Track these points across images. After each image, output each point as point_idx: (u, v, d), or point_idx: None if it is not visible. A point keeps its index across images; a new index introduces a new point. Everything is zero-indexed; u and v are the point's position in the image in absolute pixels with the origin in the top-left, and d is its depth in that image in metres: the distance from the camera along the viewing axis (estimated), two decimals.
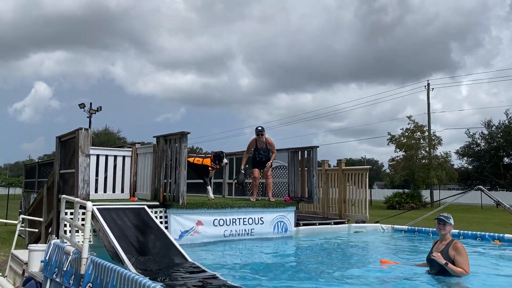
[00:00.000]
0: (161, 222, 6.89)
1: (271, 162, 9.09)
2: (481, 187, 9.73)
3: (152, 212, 6.69)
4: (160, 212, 7.15)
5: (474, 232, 8.56)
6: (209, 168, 8.81)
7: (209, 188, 8.73)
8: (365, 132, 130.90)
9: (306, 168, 9.27)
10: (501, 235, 8.24)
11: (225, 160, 8.71)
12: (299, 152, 9.45)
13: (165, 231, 6.22)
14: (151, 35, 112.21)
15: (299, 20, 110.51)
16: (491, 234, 8.36)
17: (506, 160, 51.56)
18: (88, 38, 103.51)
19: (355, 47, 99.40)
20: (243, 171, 9.46)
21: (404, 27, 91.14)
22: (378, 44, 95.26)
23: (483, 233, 8.48)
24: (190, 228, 7.30)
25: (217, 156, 8.77)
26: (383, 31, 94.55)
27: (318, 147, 9.32)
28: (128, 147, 8.43)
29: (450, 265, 4.78)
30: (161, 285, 3.36)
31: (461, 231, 8.70)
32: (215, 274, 4.67)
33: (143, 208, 6.57)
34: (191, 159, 8.79)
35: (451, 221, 5.20)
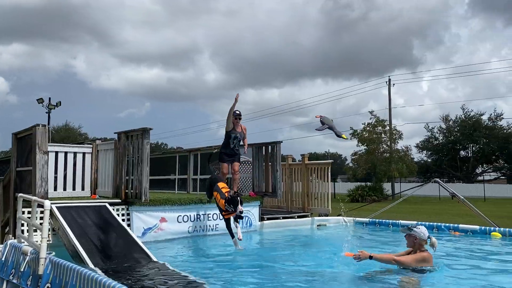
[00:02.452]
0: (123, 220, 6.80)
1: (246, 147, 9.02)
2: (437, 179, 10.12)
3: (114, 209, 6.58)
4: (122, 209, 7.05)
5: (431, 223, 8.91)
6: (223, 212, 7.08)
7: (238, 229, 6.85)
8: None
9: (270, 163, 9.35)
10: (456, 225, 8.61)
11: (239, 208, 6.62)
12: (263, 147, 9.52)
13: (128, 229, 6.14)
14: (114, 28, 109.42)
15: (266, 15, 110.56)
16: (447, 224, 8.72)
17: (462, 153, 53.67)
18: (48, 31, 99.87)
19: (321, 43, 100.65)
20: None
21: (368, 23, 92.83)
22: (343, 40, 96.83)
23: (439, 223, 8.84)
24: (153, 225, 7.23)
25: (232, 201, 6.82)
26: (348, 27, 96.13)
27: (282, 142, 9.43)
28: (88, 144, 8.24)
29: (374, 255, 4.78)
30: (122, 284, 3.32)
31: (419, 223, 9.01)
32: (179, 272, 4.66)
33: (105, 205, 6.45)
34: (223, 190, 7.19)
35: (414, 231, 4.99)
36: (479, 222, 9.00)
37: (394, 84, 38.78)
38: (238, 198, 6.69)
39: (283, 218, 9.68)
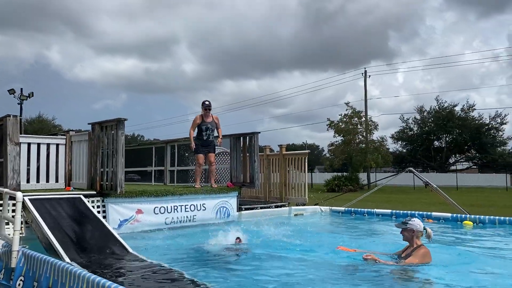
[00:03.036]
0: (98, 212, 6.72)
1: (221, 139, 9.02)
2: (411, 169, 10.34)
3: (89, 201, 6.49)
4: (98, 201, 6.96)
5: (405, 212, 9.11)
6: None
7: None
8: (308, 118, 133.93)
9: (248, 154, 9.36)
10: (429, 213, 8.82)
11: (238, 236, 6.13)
12: (241, 138, 9.51)
13: (103, 220, 6.06)
14: (89, 18, 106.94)
15: (244, 6, 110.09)
16: (421, 212, 8.93)
17: (436, 143, 54.87)
18: (21, 20, 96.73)
19: (299, 34, 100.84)
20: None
21: (346, 15, 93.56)
22: (321, 32, 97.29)
23: (413, 212, 9.04)
24: (129, 217, 7.17)
25: None
26: (326, 19, 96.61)
27: (260, 133, 9.45)
28: (62, 135, 8.08)
29: (380, 260, 4.69)
30: (97, 275, 3.29)
31: (393, 211, 9.22)
32: (156, 263, 4.64)
33: (79, 197, 6.35)
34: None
35: (409, 224, 4.86)
36: (452, 210, 9.25)
37: (370, 76, 39.21)
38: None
39: (261, 208, 9.73)
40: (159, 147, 12.42)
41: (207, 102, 9.00)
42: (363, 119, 35.42)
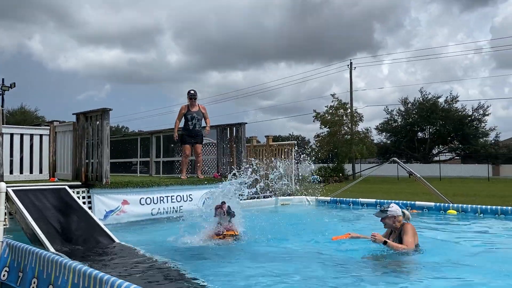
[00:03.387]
0: (84, 203, 6.66)
1: (209, 127, 8.96)
2: (396, 159, 10.46)
3: (74, 192, 6.43)
4: (83, 192, 6.89)
5: (389, 201, 9.21)
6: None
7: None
8: (294, 109, 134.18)
9: (235, 145, 9.36)
10: (412, 202, 8.95)
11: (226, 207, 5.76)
12: (228, 128, 9.50)
13: (89, 211, 6.02)
14: (71, 7, 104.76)
15: None
16: (405, 202, 9.05)
17: (420, 135, 55.62)
18: (0, 9, 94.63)
19: (285, 25, 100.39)
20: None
21: (331, 7, 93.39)
22: (307, 23, 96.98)
23: (397, 201, 9.16)
24: (115, 208, 7.12)
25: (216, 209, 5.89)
26: (312, 10, 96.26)
27: (246, 123, 9.44)
28: (45, 125, 7.96)
29: (389, 242, 4.72)
30: (83, 265, 3.27)
31: (378, 200, 9.34)
32: (143, 254, 4.63)
33: (64, 188, 6.29)
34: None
35: (389, 211, 4.95)
36: (435, 200, 9.40)
37: (355, 68, 39.45)
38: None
39: (248, 198, 9.74)
40: (144, 138, 12.34)
41: (192, 91, 8.97)
42: (349, 110, 35.68)
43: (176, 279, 3.76)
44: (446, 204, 8.63)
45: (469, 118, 52.14)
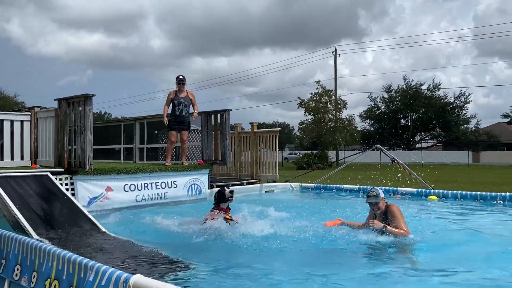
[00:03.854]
0: (67, 189, 6.59)
1: (196, 113, 8.93)
2: (379, 146, 10.58)
3: (56, 179, 6.36)
4: (66, 179, 6.82)
5: (372, 187, 9.35)
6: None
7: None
8: (279, 96, 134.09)
9: (219, 131, 9.35)
10: (395, 188, 9.10)
11: (227, 191, 5.76)
12: (212, 115, 9.47)
13: (72, 198, 5.97)
14: None
15: None
16: (387, 188, 9.20)
17: (403, 122, 56.25)
18: None
19: (270, 11, 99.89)
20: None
21: None
22: (292, 9, 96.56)
23: (380, 187, 9.29)
24: (99, 195, 7.07)
25: (219, 195, 5.86)
26: None
27: (231, 110, 9.41)
28: (26, 111, 7.82)
29: (388, 228, 4.73)
30: (67, 251, 3.25)
31: (361, 186, 9.47)
32: (128, 240, 4.63)
33: (46, 175, 6.21)
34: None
35: (381, 194, 5.04)
36: (417, 185, 9.56)
37: (340, 55, 39.54)
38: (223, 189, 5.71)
39: (232, 185, 9.77)
40: (127, 125, 12.21)
41: (180, 77, 8.94)
42: (333, 98, 35.82)
43: (161, 264, 3.78)
44: (427, 190, 8.80)
45: (451, 106, 52.89)
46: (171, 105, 8.84)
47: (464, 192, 8.30)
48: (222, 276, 3.63)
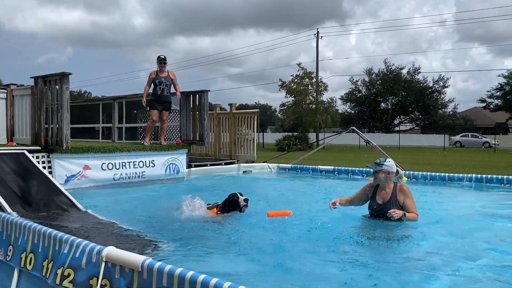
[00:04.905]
0: (44, 168, 6.63)
1: (179, 92, 9.00)
2: (354, 128, 10.81)
3: (33, 157, 6.39)
4: (43, 157, 6.85)
5: (346, 168, 9.62)
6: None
7: None
8: (262, 78, 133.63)
9: (198, 112, 9.42)
10: (368, 169, 9.36)
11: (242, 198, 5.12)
12: (191, 96, 9.52)
13: (49, 176, 6.03)
14: None
15: None
16: (360, 169, 9.47)
17: (382, 105, 56.98)
18: None
19: None
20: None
21: None
22: None
23: (353, 168, 9.57)
24: (76, 173, 7.13)
25: (231, 201, 5.20)
26: None
27: (209, 91, 9.49)
28: (2, 89, 7.76)
29: (407, 214, 4.52)
30: (42, 226, 3.36)
31: (336, 167, 9.72)
32: (104, 219, 4.73)
33: (23, 153, 6.24)
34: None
35: (385, 165, 4.70)
36: None
37: (322, 37, 39.67)
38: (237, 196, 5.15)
39: (211, 165, 9.92)
40: (106, 104, 12.17)
41: (162, 56, 9.03)
42: (314, 80, 36.01)
43: (135, 242, 3.91)
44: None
45: (430, 90, 53.73)
46: (152, 85, 8.90)
47: (433, 173, 8.62)
48: (192, 251, 3.77)
